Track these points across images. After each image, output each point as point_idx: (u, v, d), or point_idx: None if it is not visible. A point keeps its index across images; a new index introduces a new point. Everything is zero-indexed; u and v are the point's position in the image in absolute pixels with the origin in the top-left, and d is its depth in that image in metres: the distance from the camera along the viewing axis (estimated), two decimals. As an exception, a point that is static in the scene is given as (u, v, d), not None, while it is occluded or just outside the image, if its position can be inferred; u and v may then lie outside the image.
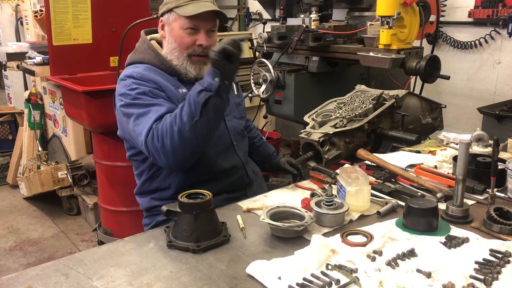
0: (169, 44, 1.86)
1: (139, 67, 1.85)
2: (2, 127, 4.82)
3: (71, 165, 3.68)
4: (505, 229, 1.39)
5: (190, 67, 1.85)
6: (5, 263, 3.31)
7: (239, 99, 2.11)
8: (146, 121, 1.68)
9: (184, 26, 1.80)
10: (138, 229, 1.62)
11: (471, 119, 3.88)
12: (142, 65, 1.86)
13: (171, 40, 1.85)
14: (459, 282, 1.13)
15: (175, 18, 1.82)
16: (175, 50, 1.84)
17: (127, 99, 1.76)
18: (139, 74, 1.79)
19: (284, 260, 1.24)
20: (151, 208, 1.91)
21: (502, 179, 1.68)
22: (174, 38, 1.84)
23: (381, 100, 2.20)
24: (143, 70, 1.82)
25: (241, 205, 1.66)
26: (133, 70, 1.83)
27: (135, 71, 1.81)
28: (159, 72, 1.84)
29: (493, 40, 3.67)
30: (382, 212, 1.54)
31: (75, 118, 3.15)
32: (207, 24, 1.82)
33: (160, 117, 1.67)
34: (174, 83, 1.84)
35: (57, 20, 3.13)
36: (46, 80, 4.13)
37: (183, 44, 1.82)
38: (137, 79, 1.77)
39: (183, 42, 1.82)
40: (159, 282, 1.20)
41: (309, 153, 2.03)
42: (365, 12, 3.42)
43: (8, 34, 6.10)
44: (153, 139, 1.65)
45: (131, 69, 1.84)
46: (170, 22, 1.84)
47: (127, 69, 1.87)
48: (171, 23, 1.84)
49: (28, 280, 1.21)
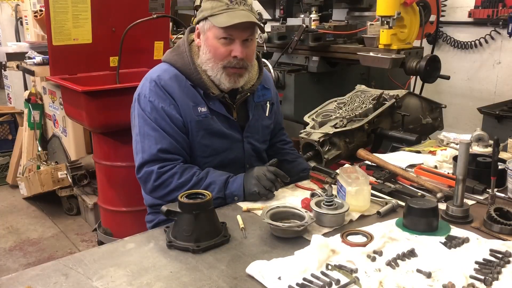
0: (204, 54, 1.79)
1: (167, 72, 1.81)
2: (2, 127, 4.82)
3: (71, 165, 3.68)
4: (505, 229, 1.39)
5: (224, 79, 1.78)
6: (5, 263, 3.30)
7: (269, 122, 2.02)
8: (148, 146, 1.75)
9: (219, 36, 1.73)
10: (138, 229, 1.62)
11: (471, 119, 3.88)
12: (172, 69, 1.82)
13: (206, 50, 1.78)
14: (459, 282, 1.13)
15: (210, 27, 1.75)
16: (209, 61, 1.78)
17: (140, 106, 1.79)
18: (162, 81, 1.78)
19: (284, 260, 1.24)
20: (155, 205, 1.89)
21: (502, 179, 1.68)
22: (208, 48, 1.77)
23: (381, 100, 2.20)
24: (169, 78, 1.79)
25: (241, 205, 1.66)
26: (160, 74, 1.80)
27: (161, 77, 1.79)
28: (184, 84, 1.80)
29: (493, 40, 3.67)
30: (382, 212, 1.54)
31: (75, 118, 3.15)
32: (242, 34, 1.73)
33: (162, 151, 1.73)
34: (195, 99, 1.80)
35: (57, 20, 3.12)
36: (46, 80, 4.12)
37: (217, 55, 1.75)
38: (158, 87, 1.77)
39: (217, 53, 1.75)
40: (159, 282, 1.20)
41: (309, 153, 2.03)
42: (365, 12, 3.42)
43: (8, 34, 6.10)
44: (151, 176, 1.74)
45: (159, 72, 1.82)
46: (205, 31, 1.77)
47: (158, 67, 1.86)
48: (206, 32, 1.77)
49: (28, 280, 1.21)
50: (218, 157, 1.86)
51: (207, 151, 1.84)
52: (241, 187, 1.68)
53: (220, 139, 1.85)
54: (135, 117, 1.83)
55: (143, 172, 1.76)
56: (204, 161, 1.84)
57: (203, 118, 1.79)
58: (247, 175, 1.71)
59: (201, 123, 1.79)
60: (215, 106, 1.82)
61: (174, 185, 1.72)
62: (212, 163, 1.85)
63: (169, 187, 1.72)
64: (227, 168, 1.84)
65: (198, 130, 1.80)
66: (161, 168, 1.72)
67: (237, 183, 1.70)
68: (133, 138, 1.83)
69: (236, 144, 1.89)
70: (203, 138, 1.81)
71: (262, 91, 1.97)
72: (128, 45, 3.01)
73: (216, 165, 1.84)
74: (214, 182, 1.71)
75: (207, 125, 1.80)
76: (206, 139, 1.82)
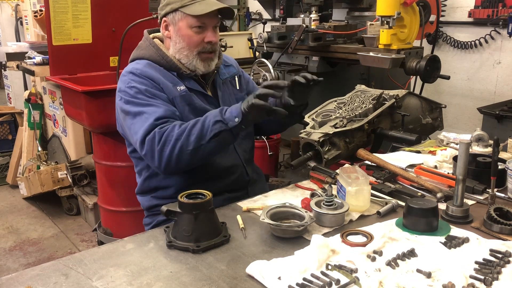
0: (176, 44, 1.86)
1: (139, 63, 1.87)
2: (1, 127, 4.82)
3: (71, 165, 3.68)
4: (505, 229, 1.39)
5: (200, 65, 1.86)
6: (5, 263, 3.31)
7: (242, 94, 2.08)
8: (143, 121, 1.71)
9: (192, 25, 1.81)
10: (138, 229, 1.62)
11: (471, 119, 3.88)
12: (143, 61, 1.88)
13: (178, 40, 1.85)
14: (459, 282, 1.13)
15: (182, 17, 1.82)
16: (184, 49, 1.85)
17: (126, 96, 1.79)
18: (138, 70, 1.82)
19: (284, 260, 1.24)
20: (152, 207, 1.91)
21: (502, 179, 1.68)
22: (182, 38, 1.84)
23: (381, 100, 2.20)
24: (143, 66, 1.84)
25: (241, 205, 1.66)
26: (133, 66, 1.85)
27: (135, 67, 1.84)
28: (159, 69, 1.86)
29: (493, 40, 3.67)
30: (382, 212, 1.54)
31: (75, 118, 3.15)
32: (213, 20, 1.83)
33: (158, 119, 1.69)
34: (173, 80, 1.85)
35: (57, 20, 3.13)
36: (46, 80, 4.12)
37: (192, 43, 1.83)
38: (136, 76, 1.80)
39: (192, 41, 1.83)
40: (159, 282, 1.20)
41: (309, 153, 2.02)
42: (365, 12, 3.42)
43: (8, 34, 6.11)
44: (154, 140, 1.67)
45: (132, 66, 1.87)
46: (176, 22, 1.84)
47: (128, 66, 1.91)
48: (177, 23, 1.83)
49: (28, 280, 1.21)
50: None
51: None
52: (238, 108, 1.63)
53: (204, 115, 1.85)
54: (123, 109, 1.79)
55: (146, 143, 1.69)
56: None
57: (184, 94, 1.83)
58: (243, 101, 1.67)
59: (184, 98, 1.83)
60: (191, 84, 1.88)
61: (176, 134, 1.65)
62: None
63: (172, 139, 1.65)
64: None
65: (184, 105, 1.82)
66: (161, 128, 1.68)
67: (235, 106, 1.66)
68: (128, 126, 1.78)
69: None
70: (190, 113, 1.83)
71: (225, 69, 2.06)
72: (128, 45, 3.00)
73: None
74: (210, 114, 1.68)
75: (189, 100, 1.84)
76: (192, 114, 1.83)
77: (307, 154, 2.03)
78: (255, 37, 4.62)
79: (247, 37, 4.78)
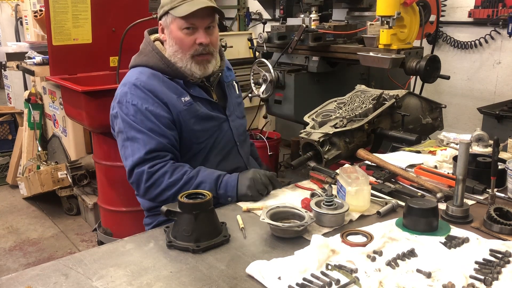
0: (171, 47, 1.85)
1: (143, 73, 1.84)
2: (1, 127, 4.82)
3: (71, 165, 3.68)
4: (505, 229, 1.39)
5: (195, 68, 1.84)
6: (5, 263, 3.31)
7: (239, 99, 2.13)
8: (133, 150, 1.75)
9: (182, 27, 1.79)
10: (138, 229, 1.62)
11: (471, 119, 3.88)
12: (146, 70, 1.85)
13: (172, 43, 1.84)
14: (459, 282, 1.13)
15: (172, 20, 1.81)
16: (177, 53, 1.83)
17: (123, 112, 1.79)
18: (142, 83, 1.80)
19: (284, 260, 1.24)
20: (152, 208, 1.91)
21: (502, 179, 1.68)
22: (174, 40, 1.83)
23: (381, 100, 2.20)
24: (147, 78, 1.82)
25: (241, 205, 1.66)
26: (137, 77, 1.82)
27: (139, 79, 1.81)
28: (163, 79, 1.84)
29: (493, 40, 3.67)
30: (382, 212, 1.54)
31: (75, 118, 3.15)
32: (204, 21, 1.80)
33: (148, 152, 1.73)
34: (177, 91, 1.83)
35: (57, 20, 3.13)
36: (46, 80, 4.12)
37: (184, 45, 1.81)
38: (139, 89, 1.78)
39: (183, 44, 1.81)
40: (159, 282, 1.20)
41: (309, 153, 2.02)
42: (365, 12, 3.42)
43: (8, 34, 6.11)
44: (142, 176, 1.74)
45: (136, 75, 1.83)
46: (168, 25, 1.84)
47: (132, 73, 1.87)
48: (169, 26, 1.83)
49: (28, 280, 1.21)
50: (211, 139, 1.90)
51: (200, 136, 1.87)
52: (234, 188, 1.70)
53: (209, 122, 1.89)
54: (118, 124, 1.82)
55: (134, 175, 1.76)
56: (199, 147, 1.88)
57: (189, 106, 1.83)
58: (242, 176, 1.72)
59: (189, 110, 1.83)
60: (196, 91, 1.88)
61: (166, 184, 1.72)
62: (206, 147, 1.89)
63: (161, 186, 1.72)
64: (220, 149, 1.91)
65: (189, 118, 1.83)
66: (151, 168, 1.73)
67: (231, 184, 1.71)
68: (120, 144, 1.82)
69: (223, 124, 1.95)
70: (195, 124, 1.85)
71: (228, 72, 2.08)
72: (128, 45, 3.00)
73: (210, 148, 1.89)
74: (205, 181, 1.72)
75: (194, 111, 1.84)
76: (197, 124, 1.85)
77: (307, 154, 2.03)
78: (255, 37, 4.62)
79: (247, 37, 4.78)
